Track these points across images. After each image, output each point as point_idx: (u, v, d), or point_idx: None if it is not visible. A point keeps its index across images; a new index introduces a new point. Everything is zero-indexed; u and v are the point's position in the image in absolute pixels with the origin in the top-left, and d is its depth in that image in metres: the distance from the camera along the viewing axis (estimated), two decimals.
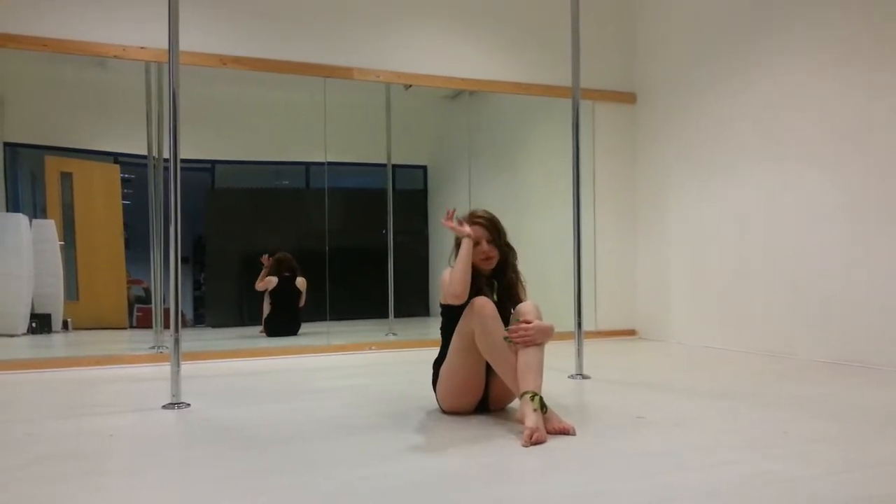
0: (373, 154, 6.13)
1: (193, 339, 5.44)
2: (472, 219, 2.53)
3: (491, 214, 2.57)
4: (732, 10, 4.58)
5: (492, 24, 5.18)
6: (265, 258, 5.75)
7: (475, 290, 2.43)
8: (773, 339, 4.27)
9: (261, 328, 5.66)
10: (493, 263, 2.52)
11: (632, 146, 5.55)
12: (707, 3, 4.80)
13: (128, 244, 5.78)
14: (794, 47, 4.15)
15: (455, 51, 5.06)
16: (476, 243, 2.46)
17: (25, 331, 5.18)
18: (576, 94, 3.55)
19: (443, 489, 1.70)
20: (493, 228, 2.52)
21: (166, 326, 4.43)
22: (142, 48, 4.29)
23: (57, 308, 5.41)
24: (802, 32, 4.09)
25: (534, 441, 2.06)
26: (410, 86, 5.20)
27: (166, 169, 2.89)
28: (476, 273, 2.46)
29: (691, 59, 4.94)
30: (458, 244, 2.47)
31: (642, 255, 5.48)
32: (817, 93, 4.00)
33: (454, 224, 2.44)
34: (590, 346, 3.69)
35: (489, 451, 2.04)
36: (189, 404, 2.77)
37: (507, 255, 2.55)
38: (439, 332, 2.59)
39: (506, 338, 2.32)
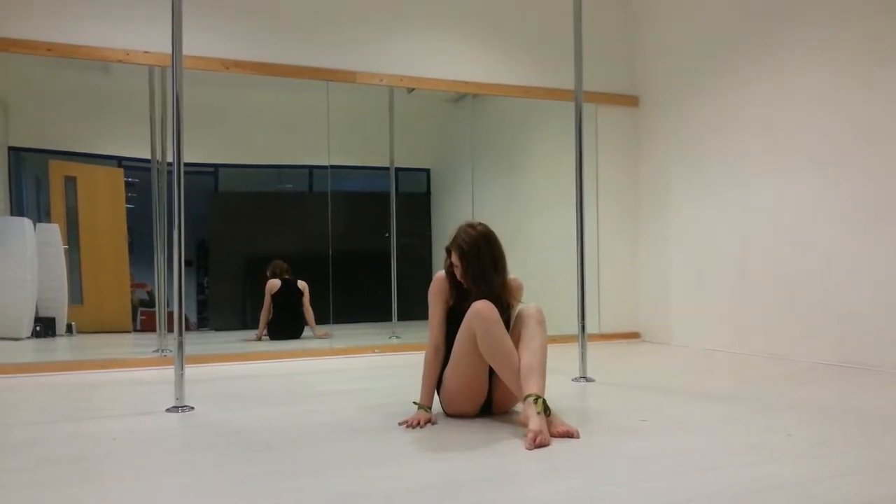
0: (376, 157, 6.14)
1: (197, 342, 5.46)
2: (453, 242, 2.52)
3: (470, 245, 2.47)
4: (733, 13, 4.58)
5: (494, 28, 5.19)
6: (258, 337, 5.66)
7: (466, 295, 2.49)
8: (775, 341, 4.26)
9: (257, 332, 5.65)
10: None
11: (634, 149, 5.55)
12: (708, 6, 4.81)
13: (131, 248, 5.80)
14: (795, 48, 4.15)
15: (458, 54, 5.07)
16: (456, 265, 2.50)
17: (29, 334, 5.20)
18: (578, 97, 3.55)
19: (446, 492, 1.70)
20: (463, 259, 2.47)
21: (170, 330, 4.45)
22: (145, 52, 4.30)
23: (61, 312, 5.43)
24: (803, 33, 4.09)
25: (537, 444, 2.06)
26: (413, 89, 5.21)
27: (170, 173, 2.90)
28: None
29: (693, 61, 4.94)
30: (448, 253, 2.53)
31: (645, 257, 5.47)
32: (819, 93, 4.00)
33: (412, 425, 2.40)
34: (593, 349, 3.68)
35: (492, 454, 2.04)
36: (193, 408, 2.78)
37: (478, 280, 2.46)
38: None
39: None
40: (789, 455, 2.00)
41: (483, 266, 2.47)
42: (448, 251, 2.54)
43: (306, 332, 5.71)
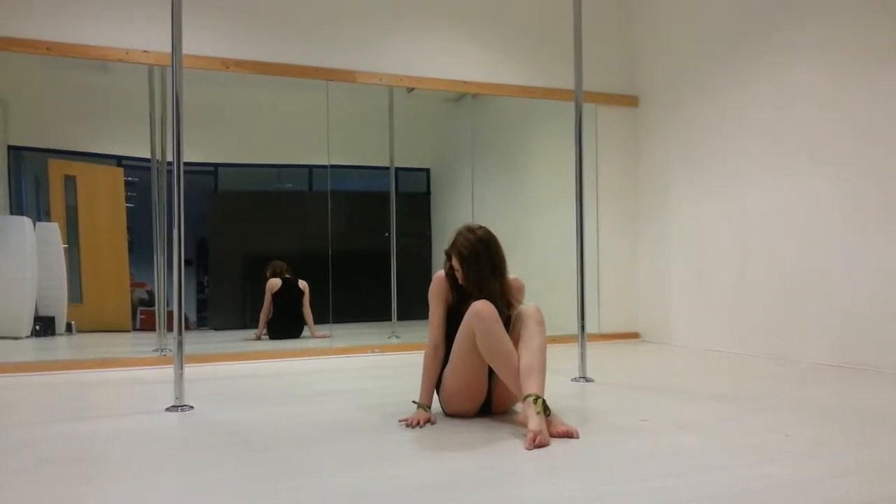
0: (375, 157, 6.14)
1: (196, 341, 5.46)
2: (454, 246, 2.50)
3: (470, 250, 2.46)
4: (733, 13, 4.58)
5: (494, 28, 5.19)
6: (257, 336, 5.65)
7: (466, 296, 2.49)
8: (775, 341, 4.26)
9: (256, 331, 5.64)
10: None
11: (634, 149, 5.55)
12: (708, 6, 4.80)
13: (131, 247, 5.79)
14: (795, 47, 4.15)
15: (458, 54, 5.07)
16: (457, 268, 2.49)
17: (29, 333, 5.20)
18: (578, 97, 3.55)
19: (445, 492, 1.70)
20: (463, 263, 2.47)
21: (169, 329, 4.45)
22: (145, 52, 4.30)
23: (60, 311, 5.43)
24: (803, 33, 4.09)
25: (537, 444, 2.06)
26: (413, 89, 5.21)
27: (170, 172, 2.90)
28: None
29: (693, 61, 4.94)
30: (448, 257, 2.52)
31: (645, 257, 5.47)
32: (819, 93, 4.00)
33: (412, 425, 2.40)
34: (593, 348, 3.68)
35: (492, 454, 2.04)
36: (192, 407, 2.78)
37: (479, 284, 2.46)
38: None
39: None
40: (789, 455, 2.00)
41: (483, 270, 2.47)
42: (448, 255, 2.53)
43: (305, 331, 5.71)
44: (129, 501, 1.67)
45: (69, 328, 5.45)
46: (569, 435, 2.19)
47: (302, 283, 5.76)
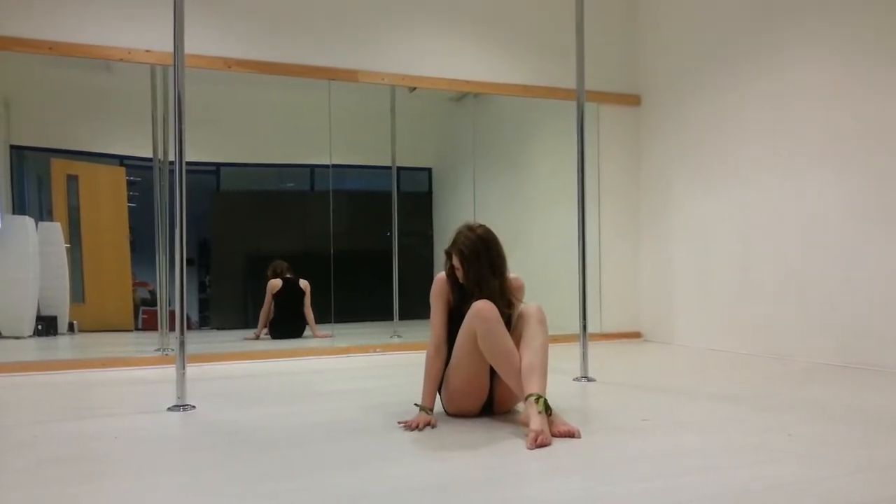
0: (377, 156, 6.14)
1: (199, 341, 5.46)
2: (454, 245, 2.50)
3: (470, 249, 2.46)
4: (734, 12, 4.57)
5: (496, 27, 5.19)
6: (256, 336, 5.63)
7: (467, 296, 2.48)
8: (778, 341, 4.25)
9: (255, 331, 5.64)
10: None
11: (636, 148, 5.54)
12: (709, 6, 4.80)
13: (133, 246, 5.80)
14: (797, 46, 4.14)
15: (459, 53, 5.07)
16: (457, 267, 2.49)
17: (31, 333, 5.21)
18: (580, 97, 3.55)
19: (446, 492, 1.70)
20: (464, 261, 2.46)
21: (171, 328, 4.46)
22: (147, 51, 4.31)
23: (63, 310, 5.43)
24: (806, 31, 4.09)
25: (538, 444, 2.06)
26: (415, 88, 5.20)
27: (172, 171, 2.91)
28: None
29: (695, 60, 4.94)
30: (449, 256, 2.52)
31: (647, 257, 5.47)
32: (822, 93, 3.99)
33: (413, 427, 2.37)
34: (594, 348, 3.68)
35: (494, 454, 2.04)
36: (194, 406, 2.78)
37: (478, 283, 2.45)
38: None
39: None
40: (790, 455, 1.99)
41: (483, 269, 2.47)
42: (448, 254, 2.53)
43: (307, 331, 5.71)
44: (130, 501, 1.67)
45: (71, 328, 5.46)
46: (570, 435, 2.19)
47: (303, 283, 5.76)
